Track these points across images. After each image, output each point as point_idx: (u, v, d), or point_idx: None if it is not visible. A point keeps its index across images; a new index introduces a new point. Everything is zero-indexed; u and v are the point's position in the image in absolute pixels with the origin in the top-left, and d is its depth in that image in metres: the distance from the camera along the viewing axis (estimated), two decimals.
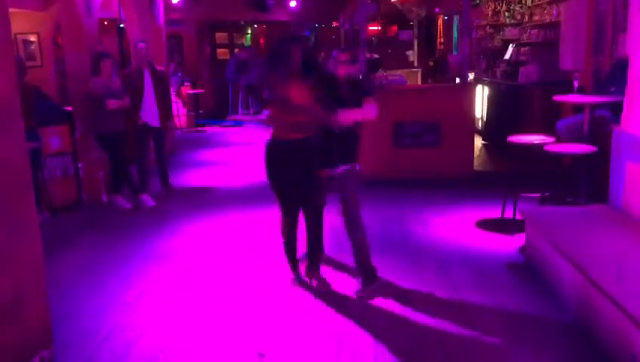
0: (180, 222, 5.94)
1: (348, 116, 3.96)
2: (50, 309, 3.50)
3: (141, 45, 6.75)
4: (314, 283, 4.22)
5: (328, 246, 4.71)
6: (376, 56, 11.70)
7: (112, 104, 6.22)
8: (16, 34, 9.25)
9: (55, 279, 4.42)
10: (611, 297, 3.13)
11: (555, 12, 7.93)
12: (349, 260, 4.29)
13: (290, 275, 4.38)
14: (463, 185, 6.87)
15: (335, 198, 4.15)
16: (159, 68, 7.02)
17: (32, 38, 9.47)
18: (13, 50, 4.24)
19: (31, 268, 3.34)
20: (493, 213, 5.70)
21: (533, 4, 8.84)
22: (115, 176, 6.58)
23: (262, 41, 17.22)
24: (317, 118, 3.96)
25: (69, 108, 6.83)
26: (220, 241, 5.34)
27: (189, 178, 8.07)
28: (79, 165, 6.62)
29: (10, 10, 3.21)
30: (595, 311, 3.42)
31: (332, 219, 4.43)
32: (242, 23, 16.52)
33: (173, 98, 10.60)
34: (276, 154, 4.07)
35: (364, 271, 4.12)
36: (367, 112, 4.03)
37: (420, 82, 10.73)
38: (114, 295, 4.26)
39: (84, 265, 4.87)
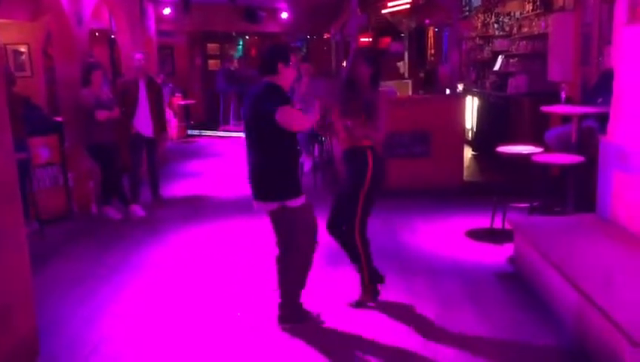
0: (169, 233, 5.93)
1: None
2: (37, 321, 3.48)
3: (138, 56, 6.77)
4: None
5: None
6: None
7: (102, 115, 6.22)
8: (6, 44, 9.23)
9: (44, 290, 4.40)
10: (599, 306, 3.15)
11: (543, 24, 8.01)
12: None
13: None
14: (453, 196, 6.90)
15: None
16: (156, 79, 7.02)
17: (22, 49, 9.46)
18: (2, 61, 4.24)
19: (18, 280, 3.32)
20: (483, 223, 5.73)
21: (522, 16, 8.93)
22: (105, 186, 6.56)
23: (253, 52, 17.27)
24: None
25: (59, 119, 6.82)
26: (209, 252, 5.33)
27: (180, 188, 8.05)
28: (69, 175, 6.60)
29: (0, 20, 3.21)
30: (583, 320, 3.44)
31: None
32: (234, 34, 16.57)
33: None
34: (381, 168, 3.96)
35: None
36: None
37: (410, 93, 10.77)
38: (102, 306, 4.24)
39: (73, 276, 4.84)
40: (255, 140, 3.65)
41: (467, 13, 11.43)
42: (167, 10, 13.10)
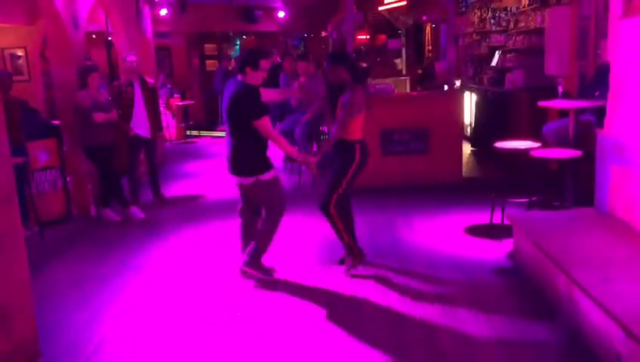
0: (168, 234, 5.93)
1: None
2: (36, 323, 3.48)
3: (131, 58, 6.78)
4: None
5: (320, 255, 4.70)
6: (364, 65, 11.75)
7: (99, 117, 6.23)
8: (3, 48, 9.25)
9: (44, 292, 4.41)
10: (597, 299, 3.15)
11: (539, 18, 8.00)
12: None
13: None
14: (452, 192, 6.90)
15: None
16: (149, 80, 7.04)
17: (20, 53, 9.46)
18: None
19: (16, 283, 3.33)
20: (482, 218, 5.72)
21: (519, 10, 8.92)
22: (103, 189, 6.57)
23: None
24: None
25: (57, 122, 6.83)
26: (208, 252, 5.33)
27: (179, 189, 8.05)
28: (67, 178, 6.60)
29: None
30: (581, 313, 3.44)
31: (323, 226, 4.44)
32: (231, 34, 16.57)
33: (163, 110, 10.59)
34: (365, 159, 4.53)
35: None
36: None
37: (408, 90, 10.78)
38: (103, 308, 4.24)
39: (73, 279, 4.85)
40: (232, 127, 4.36)
41: (464, 8, 11.43)
42: (163, 11, 13.10)
